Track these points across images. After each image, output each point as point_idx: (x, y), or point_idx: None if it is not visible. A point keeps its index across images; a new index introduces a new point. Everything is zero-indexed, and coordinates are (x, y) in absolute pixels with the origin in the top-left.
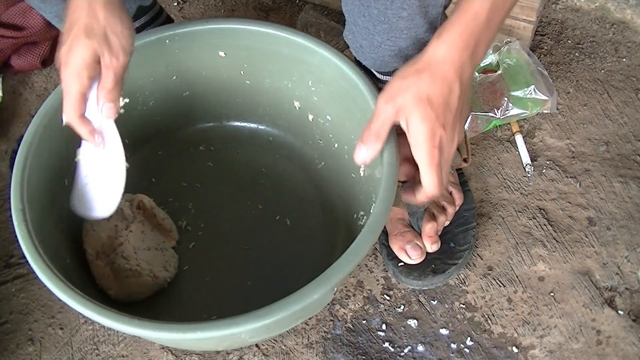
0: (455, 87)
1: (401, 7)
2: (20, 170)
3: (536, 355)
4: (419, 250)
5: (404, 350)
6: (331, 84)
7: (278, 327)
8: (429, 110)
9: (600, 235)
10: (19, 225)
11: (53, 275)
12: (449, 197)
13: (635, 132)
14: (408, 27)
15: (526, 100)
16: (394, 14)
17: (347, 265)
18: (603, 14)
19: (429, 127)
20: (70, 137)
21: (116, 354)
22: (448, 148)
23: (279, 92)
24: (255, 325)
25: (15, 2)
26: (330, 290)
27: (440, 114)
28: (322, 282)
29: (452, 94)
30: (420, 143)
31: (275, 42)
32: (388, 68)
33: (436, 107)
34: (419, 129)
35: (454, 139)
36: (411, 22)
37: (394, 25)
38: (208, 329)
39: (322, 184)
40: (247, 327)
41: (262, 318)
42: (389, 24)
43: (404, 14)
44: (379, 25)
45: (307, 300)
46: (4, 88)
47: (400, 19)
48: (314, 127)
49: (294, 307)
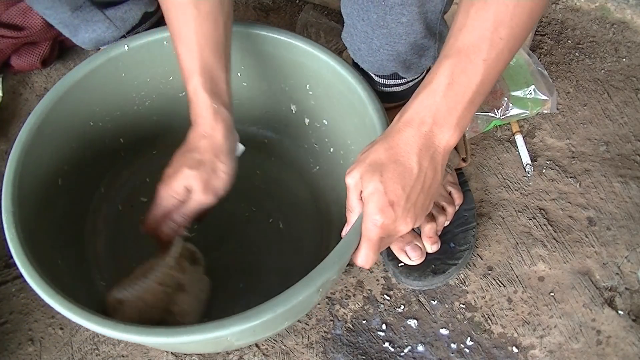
0: (410, 164)
1: (400, 13)
2: (12, 170)
3: (536, 355)
4: (418, 251)
5: (404, 350)
6: (329, 88)
7: (264, 329)
8: (377, 183)
9: (600, 235)
10: (8, 228)
11: (41, 280)
12: (448, 197)
13: (635, 132)
14: (407, 32)
15: (526, 100)
16: (393, 19)
17: (332, 266)
18: (603, 14)
19: (376, 200)
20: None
21: (116, 354)
22: (395, 226)
23: (275, 95)
24: (241, 328)
25: (15, 2)
26: (315, 292)
27: (391, 191)
28: (306, 283)
29: (407, 171)
30: (365, 213)
31: (273, 45)
32: (386, 71)
33: (387, 180)
34: (367, 199)
35: (405, 219)
36: (410, 27)
37: (392, 31)
38: (193, 332)
39: (316, 187)
40: (232, 330)
41: (247, 320)
42: (388, 29)
43: (403, 19)
44: (378, 30)
45: (292, 302)
46: (4, 88)
47: (399, 24)
48: (310, 131)
49: (279, 309)
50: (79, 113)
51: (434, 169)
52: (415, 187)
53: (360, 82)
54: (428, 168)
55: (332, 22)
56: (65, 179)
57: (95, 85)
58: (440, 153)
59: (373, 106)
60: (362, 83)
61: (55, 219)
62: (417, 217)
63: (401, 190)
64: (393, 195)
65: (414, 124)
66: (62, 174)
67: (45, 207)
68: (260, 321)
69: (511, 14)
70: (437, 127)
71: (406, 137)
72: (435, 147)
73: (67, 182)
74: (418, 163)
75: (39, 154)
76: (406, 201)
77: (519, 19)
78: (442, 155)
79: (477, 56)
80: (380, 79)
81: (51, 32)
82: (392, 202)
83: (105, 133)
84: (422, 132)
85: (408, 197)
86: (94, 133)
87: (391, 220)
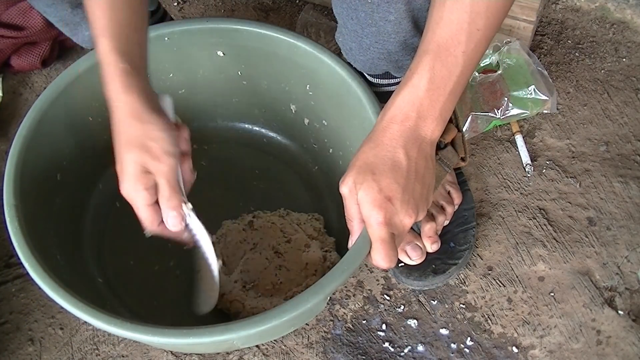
0: (398, 157)
1: (387, 11)
2: (14, 165)
3: (536, 355)
4: (419, 251)
5: (404, 350)
6: (329, 89)
7: (270, 334)
8: (370, 182)
9: (600, 235)
10: (11, 221)
11: (45, 273)
12: (447, 197)
13: (635, 132)
14: (396, 31)
15: (526, 100)
16: (380, 17)
17: (342, 274)
18: (603, 14)
19: (371, 199)
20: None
21: (116, 354)
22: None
23: (275, 95)
24: (249, 332)
25: (15, 2)
26: (323, 300)
27: (385, 187)
28: (316, 291)
29: (396, 164)
30: (364, 216)
31: (275, 45)
32: (378, 70)
33: (379, 177)
34: (362, 200)
35: (407, 211)
36: (399, 26)
37: (381, 29)
38: (201, 334)
39: (315, 188)
40: (239, 334)
41: (255, 325)
42: (377, 27)
43: (390, 17)
44: (367, 28)
45: (300, 309)
46: (4, 88)
47: (387, 22)
48: (310, 131)
49: (287, 316)
50: (78, 108)
51: (424, 157)
52: (409, 178)
53: (359, 83)
54: (418, 158)
55: (332, 22)
56: (64, 175)
57: (94, 81)
58: (428, 143)
59: (372, 108)
60: (361, 85)
61: (53, 215)
62: (418, 208)
63: (395, 184)
64: (388, 190)
65: (397, 119)
66: (60, 169)
67: (44, 202)
68: (268, 326)
69: (487, 4)
70: (421, 120)
71: (391, 133)
72: (421, 138)
73: (65, 178)
74: (406, 155)
75: (39, 149)
76: (403, 193)
77: (494, 9)
78: (429, 145)
79: (456, 49)
80: (374, 79)
81: (51, 32)
82: (389, 197)
83: (104, 129)
84: (406, 126)
85: (404, 189)
86: (92, 129)
87: (392, 214)
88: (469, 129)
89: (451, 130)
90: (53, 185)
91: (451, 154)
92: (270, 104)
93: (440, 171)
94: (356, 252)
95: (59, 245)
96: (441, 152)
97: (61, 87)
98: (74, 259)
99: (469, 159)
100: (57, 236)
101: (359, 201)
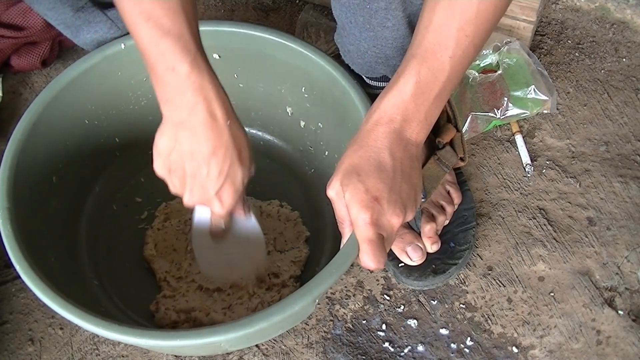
0: (384, 158)
1: (385, 17)
2: (7, 167)
3: (536, 355)
4: (419, 252)
5: (404, 350)
6: (324, 92)
7: (258, 336)
8: (356, 183)
9: (600, 235)
10: (3, 224)
11: (36, 276)
12: (447, 197)
13: (635, 132)
14: (394, 37)
15: (526, 100)
16: (378, 23)
17: (330, 277)
18: (603, 14)
19: (358, 199)
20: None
21: (116, 354)
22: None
23: (272, 97)
24: (236, 335)
25: (15, 2)
26: (312, 302)
27: (371, 187)
28: (303, 294)
29: (382, 165)
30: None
31: (270, 47)
32: (375, 74)
33: (365, 178)
34: (349, 201)
35: (395, 211)
36: (396, 32)
37: (379, 34)
38: (187, 337)
39: (311, 190)
40: (227, 337)
41: (242, 328)
42: (374, 32)
43: (388, 24)
44: (365, 33)
45: (288, 312)
46: (4, 88)
47: (384, 28)
48: (306, 134)
49: (275, 318)
50: (75, 111)
51: (410, 158)
52: (395, 178)
53: (353, 86)
54: (403, 158)
55: (332, 23)
56: (60, 177)
57: (91, 84)
58: (413, 145)
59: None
60: (355, 87)
61: (49, 217)
62: (406, 208)
63: (382, 184)
64: (375, 190)
65: (382, 122)
66: (56, 172)
67: (40, 204)
68: (255, 329)
69: (476, 12)
70: (407, 123)
71: (376, 134)
72: (406, 139)
73: (61, 181)
74: (391, 155)
75: (34, 151)
76: (390, 193)
77: (484, 16)
78: (414, 147)
79: (444, 54)
80: (372, 81)
81: (51, 32)
82: (376, 197)
83: (100, 132)
84: (391, 128)
85: (391, 188)
86: (89, 132)
87: (380, 214)
88: (469, 129)
89: (450, 130)
90: (49, 188)
91: (450, 154)
92: (267, 107)
93: (439, 171)
94: (344, 255)
95: (54, 247)
96: (440, 152)
97: (57, 89)
98: (69, 261)
99: (469, 159)
100: (52, 238)
101: (347, 203)
